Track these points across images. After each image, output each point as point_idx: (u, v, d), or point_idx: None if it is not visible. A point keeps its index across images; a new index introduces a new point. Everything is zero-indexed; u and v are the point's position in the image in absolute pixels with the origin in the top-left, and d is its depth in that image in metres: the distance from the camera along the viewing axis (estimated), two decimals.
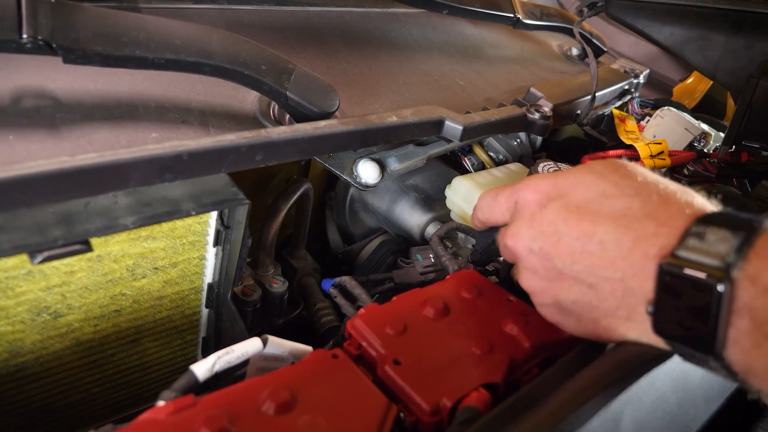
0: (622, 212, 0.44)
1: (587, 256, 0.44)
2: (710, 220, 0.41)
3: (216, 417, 0.38)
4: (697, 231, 0.40)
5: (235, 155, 0.52)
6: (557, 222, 0.47)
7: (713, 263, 0.38)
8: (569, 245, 0.45)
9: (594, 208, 0.45)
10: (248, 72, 0.56)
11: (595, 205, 0.45)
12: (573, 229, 0.45)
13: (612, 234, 0.43)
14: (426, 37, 0.96)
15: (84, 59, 0.49)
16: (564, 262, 0.46)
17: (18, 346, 0.54)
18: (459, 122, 0.70)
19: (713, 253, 0.38)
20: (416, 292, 0.56)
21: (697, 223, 0.41)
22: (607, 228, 0.44)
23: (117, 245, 0.54)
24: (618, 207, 0.44)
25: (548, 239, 0.47)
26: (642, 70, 1.18)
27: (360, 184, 0.70)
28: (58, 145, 0.49)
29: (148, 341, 0.65)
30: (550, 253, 0.47)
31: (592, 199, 0.46)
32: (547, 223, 0.47)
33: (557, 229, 0.46)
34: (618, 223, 0.44)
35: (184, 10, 0.71)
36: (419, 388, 0.44)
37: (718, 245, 0.39)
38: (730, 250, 0.38)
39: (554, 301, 0.49)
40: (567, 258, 0.46)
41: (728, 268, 0.38)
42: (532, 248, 0.48)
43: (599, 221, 0.44)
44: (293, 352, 0.49)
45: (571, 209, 0.46)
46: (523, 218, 0.50)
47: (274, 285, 0.77)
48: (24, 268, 0.49)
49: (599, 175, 0.47)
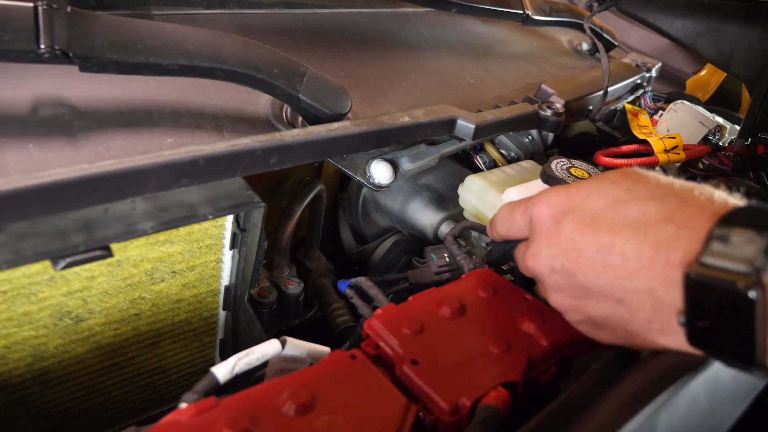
0: (639, 218, 0.42)
1: (610, 269, 0.43)
2: (733, 219, 0.39)
3: (238, 418, 0.39)
4: (721, 234, 0.38)
5: (250, 159, 0.52)
6: (575, 236, 0.45)
7: (741, 269, 0.36)
8: (590, 259, 0.44)
9: (609, 217, 0.44)
10: (261, 76, 0.56)
11: (610, 213, 0.44)
12: (591, 242, 0.44)
13: (631, 243, 0.42)
14: (435, 36, 0.96)
15: (100, 67, 0.50)
16: (587, 277, 0.44)
17: (41, 351, 0.55)
18: (471, 121, 0.70)
19: (740, 258, 0.36)
20: (432, 292, 0.56)
21: (720, 224, 0.39)
22: (625, 237, 0.42)
23: (136, 250, 0.55)
24: (634, 213, 0.43)
25: (568, 256, 0.46)
26: (654, 63, 1.18)
27: (373, 185, 0.70)
28: (76, 152, 0.50)
29: (167, 344, 0.66)
30: (572, 270, 0.45)
31: (606, 207, 0.45)
32: (565, 239, 0.46)
33: (576, 244, 0.45)
34: (636, 230, 0.42)
35: (196, 16, 0.72)
36: (438, 388, 0.44)
37: (744, 248, 0.37)
38: (757, 252, 0.36)
39: (586, 317, 0.47)
40: (590, 273, 0.44)
41: (758, 273, 0.36)
42: (554, 267, 0.47)
43: (616, 231, 0.43)
44: (311, 353, 0.50)
45: (587, 221, 0.45)
46: (540, 236, 0.49)
47: (290, 286, 0.78)
48: (46, 274, 0.50)
49: (612, 183, 0.46)
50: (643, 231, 0.42)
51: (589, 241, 0.44)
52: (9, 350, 0.52)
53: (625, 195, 0.45)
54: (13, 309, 0.50)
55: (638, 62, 1.17)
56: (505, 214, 0.55)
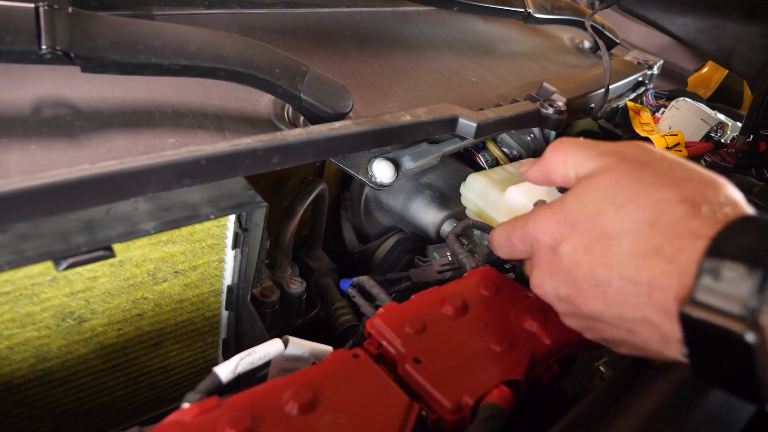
0: (632, 250, 0.41)
1: (612, 303, 0.42)
2: (723, 248, 0.36)
3: (241, 418, 0.39)
4: (711, 267, 0.36)
5: (252, 159, 0.52)
6: (572, 269, 0.45)
7: (735, 311, 0.35)
8: (592, 293, 0.44)
9: (602, 248, 0.43)
10: (262, 76, 0.56)
11: (603, 243, 0.43)
12: (588, 277, 0.43)
13: (627, 279, 0.41)
14: (437, 34, 0.96)
15: (101, 68, 0.50)
16: (593, 309, 0.44)
17: (44, 351, 0.55)
18: (473, 119, 0.70)
19: (733, 298, 0.35)
20: (434, 291, 0.56)
21: (709, 256, 0.37)
22: (620, 272, 0.41)
23: (138, 250, 0.55)
24: (626, 245, 0.41)
25: (571, 288, 0.45)
26: (655, 61, 1.17)
27: (375, 184, 0.70)
28: (78, 153, 0.50)
29: (169, 344, 0.66)
30: (577, 302, 0.45)
31: (599, 235, 0.43)
32: (564, 272, 0.46)
33: (575, 277, 0.45)
34: (629, 263, 0.41)
35: (197, 16, 0.72)
36: (440, 386, 0.44)
37: (737, 285, 0.35)
38: (750, 291, 0.35)
39: (601, 338, 0.47)
40: (595, 305, 0.44)
41: (753, 315, 0.34)
42: (559, 296, 0.47)
43: (612, 266, 0.42)
44: (314, 353, 0.50)
45: (580, 252, 0.44)
46: (541, 266, 0.48)
47: (292, 286, 0.78)
48: (49, 274, 0.50)
49: (600, 192, 0.44)
50: (636, 265, 0.41)
51: (586, 276, 0.44)
52: (12, 351, 0.52)
53: (617, 216, 0.43)
54: (16, 310, 0.50)
55: (640, 60, 1.17)
56: (503, 240, 0.54)
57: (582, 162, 0.48)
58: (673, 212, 0.40)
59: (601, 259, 0.43)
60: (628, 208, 0.42)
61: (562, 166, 0.50)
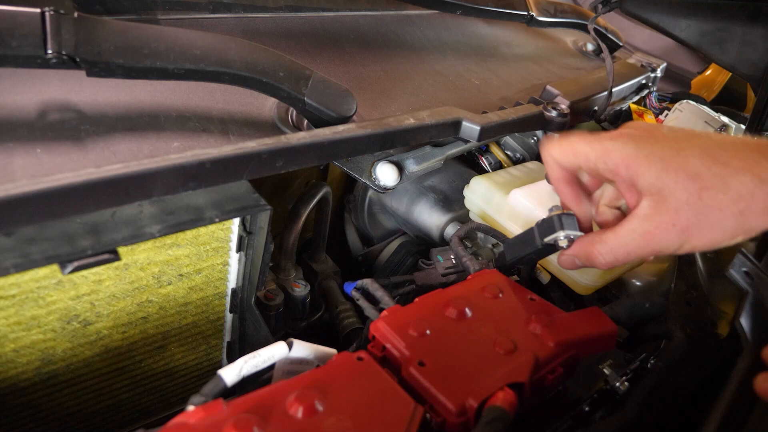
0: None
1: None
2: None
3: (245, 420, 0.39)
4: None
5: (257, 162, 0.53)
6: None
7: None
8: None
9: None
10: (266, 79, 0.56)
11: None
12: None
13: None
14: (440, 38, 0.96)
15: (107, 72, 0.50)
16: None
17: (50, 354, 0.55)
18: (476, 122, 0.70)
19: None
20: (438, 293, 0.56)
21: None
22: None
23: (143, 253, 0.55)
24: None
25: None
26: (659, 63, 1.17)
27: (379, 187, 0.70)
28: (83, 156, 0.51)
29: (174, 347, 0.66)
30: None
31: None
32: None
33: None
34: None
35: (202, 20, 0.72)
36: (445, 389, 0.44)
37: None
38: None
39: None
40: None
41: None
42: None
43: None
44: (318, 355, 0.50)
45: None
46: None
47: (296, 289, 0.78)
48: (54, 277, 0.50)
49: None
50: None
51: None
52: (18, 354, 0.53)
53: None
54: (22, 313, 0.50)
55: (643, 62, 1.17)
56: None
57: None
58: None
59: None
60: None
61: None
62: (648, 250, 0.49)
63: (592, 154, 0.50)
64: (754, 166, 0.46)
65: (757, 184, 0.45)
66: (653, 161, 0.47)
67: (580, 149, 0.51)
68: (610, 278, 0.72)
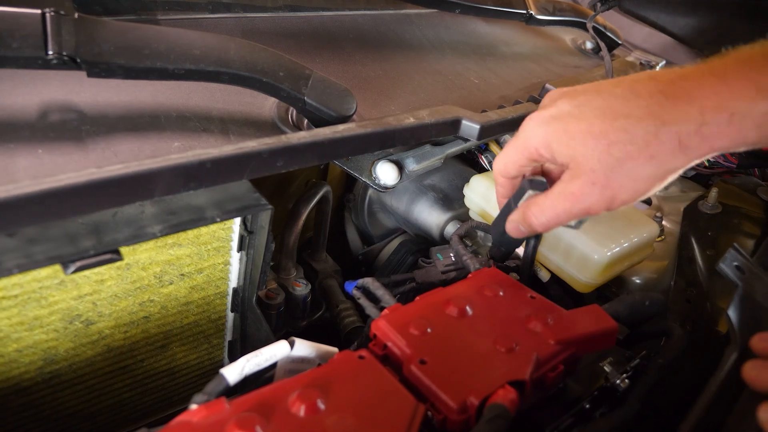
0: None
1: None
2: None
3: (248, 419, 0.39)
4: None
5: (257, 162, 0.53)
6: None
7: None
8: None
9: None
10: (266, 79, 0.57)
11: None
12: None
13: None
14: (439, 37, 0.96)
15: (107, 72, 0.50)
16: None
17: (52, 354, 0.55)
18: (476, 121, 0.70)
19: None
20: (439, 292, 0.56)
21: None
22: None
23: (144, 253, 0.55)
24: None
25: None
26: (658, 61, 1.17)
27: (379, 186, 0.70)
28: (84, 157, 0.51)
29: (176, 346, 0.66)
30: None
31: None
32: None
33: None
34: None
35: (202, 20, 0.73)
36: (446, 387, 0.45)
37: None
38: None
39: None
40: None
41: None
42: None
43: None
44: (320, 354, 0.50)
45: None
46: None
47: (297, 288, 0.78)
48: (57, 278, 0.50)
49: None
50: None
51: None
52: (20, 354, 0.53)
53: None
54: (24, 313, 0.51)
55: (642, 60, 1.17)
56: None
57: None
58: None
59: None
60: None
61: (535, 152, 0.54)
62: (576, 209, 0.52)
63: (519, 155, 0.56)
64: (657, 110, 0.48)
65: (659, 126, 0.47)
66: (560, 134, 0.52)
67: (511, 158, 0.57)
68: (609, 276, 0.72)
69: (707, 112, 0.46)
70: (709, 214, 0.85)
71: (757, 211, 0.89)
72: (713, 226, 0.82)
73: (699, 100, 0.47)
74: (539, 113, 0.55)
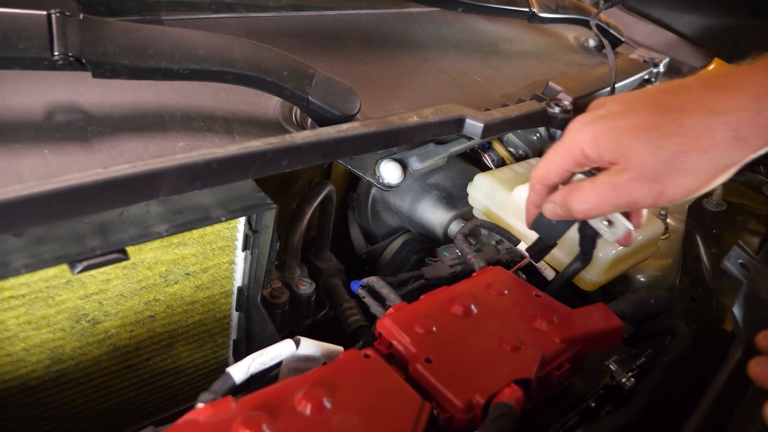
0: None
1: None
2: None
3: (255, 417, 0.39)
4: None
5: (262, 161, 0.53)
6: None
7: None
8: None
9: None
10: (270, 79, 0.57)
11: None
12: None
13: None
14: (442, 35, 0.96)
15: (112, 73, 0.50)
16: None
17: (59, 353, 0.55)
18: (479, 120, 0.70)
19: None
20: (443, 291, 0.56)
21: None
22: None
23: (150, 253, 0.55)
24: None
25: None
26: (661, 58, 1.17)
27: (383, 185, 0.71)
28: (90, 157, 0.51)
29: (181, 345, 0.67)
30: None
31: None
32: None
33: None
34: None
35: (205, 20, 0.73)
36: (451, 386, 0.45)
37: None
38: None
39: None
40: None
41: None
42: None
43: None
44: (325, 353, 0.50)
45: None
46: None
47: (302, 287, 0.78)
48: (63, 277, 0.50)
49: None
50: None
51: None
52: (28, 353, 0.53)
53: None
54: (32, 312, 0.51)
55: (646, 57, 1.16)
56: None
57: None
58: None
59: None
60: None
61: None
62: (621, 201, 0.51)
63: (563, 159, 0.54)
64: (709, 102, 0.46)
65: (711, 117, 0.46)
66: (609, 132, 0.50)
67: (554, 163, 0.55)
68: (614, 274, 0.72)
69: (764, 98, 0.44)
70: (713, 212, 0.85)
71: (762, 208, 0.89)
72: (718, 224, 0.82)
73: (753, 88, 0.45)
74: (584, 115, 0.54)
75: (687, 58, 1.60)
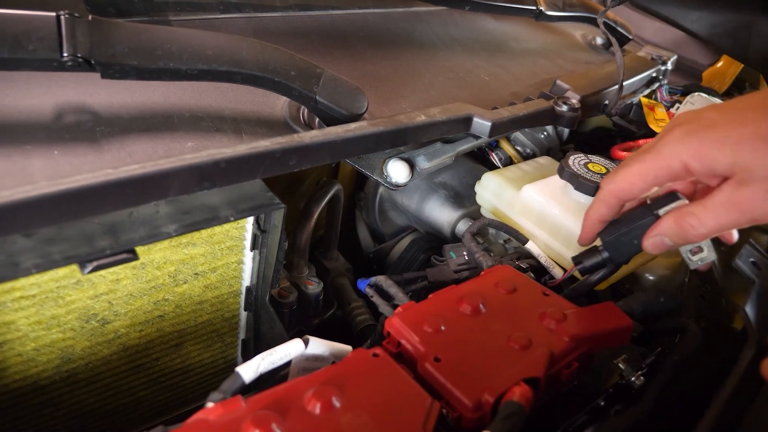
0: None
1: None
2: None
3: (264, 417, 0.39)
4: None
5: (271, 161, 0.53)
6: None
7: None
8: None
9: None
10: (278, 78, 0.57)
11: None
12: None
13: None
14: (449, 34, 0.96)
15: (121, 74, 0.50)
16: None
17: (69, 353, 0.56)
18: (487, 118, 0.70)
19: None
20: (452, 289, 0.56)
21: None
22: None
23: (159, 253, 0.56)
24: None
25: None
26: (669, 56, 1.17)
27: (390, 184, 0.70)
28: (99, 158, 0.51)
29: (190, 345, 0.67)
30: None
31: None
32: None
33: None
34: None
35: (213, 20, 0.73)
36: (461, 385, 0.45)
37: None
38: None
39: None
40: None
41: None
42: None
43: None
44: (334, 352, 0.50)
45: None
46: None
47: (310, 286, 0.78)
48: (73, 277, 0.51)
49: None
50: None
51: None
52: (38, 353, 0.53)
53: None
54: (42, 312, 0.51)
55: (653, 55, 1.16)
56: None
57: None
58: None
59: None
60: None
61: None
62: (744, 219, 0.47)
63: (657, 172, 0.50)
64: None
65: None
66: (721, 142, 0.47)
67: (643, 176, 0.51)
68: (623, 273, 0.71)
69: None
70: None
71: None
72: None
73: None
74: (681, 127, 0.50)
75: (695, 55, 1.60)
